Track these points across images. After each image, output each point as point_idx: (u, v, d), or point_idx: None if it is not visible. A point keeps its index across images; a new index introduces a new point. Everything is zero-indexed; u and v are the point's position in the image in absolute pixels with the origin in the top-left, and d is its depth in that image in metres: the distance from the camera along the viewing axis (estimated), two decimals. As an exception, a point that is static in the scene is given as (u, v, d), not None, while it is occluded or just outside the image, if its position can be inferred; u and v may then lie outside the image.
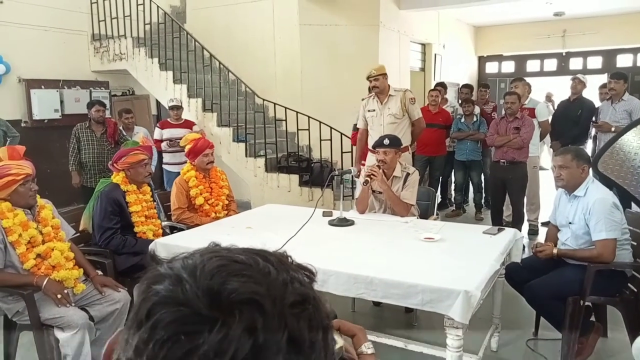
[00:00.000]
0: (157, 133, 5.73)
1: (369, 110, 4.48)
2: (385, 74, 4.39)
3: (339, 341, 0.81)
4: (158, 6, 6.60)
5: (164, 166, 5.82)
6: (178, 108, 5.68)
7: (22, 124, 6.27)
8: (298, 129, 5.82)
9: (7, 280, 2.41)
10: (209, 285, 0.48)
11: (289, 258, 0.56)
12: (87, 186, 4.90)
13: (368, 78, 4.38)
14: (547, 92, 8.36)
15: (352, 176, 3.47)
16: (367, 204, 3.41)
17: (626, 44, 9.46)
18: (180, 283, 0.48)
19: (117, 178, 3.19)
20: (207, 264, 0.50)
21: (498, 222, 5.08)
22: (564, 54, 10.15)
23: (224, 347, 0.45)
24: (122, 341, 0.49)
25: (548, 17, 9.23)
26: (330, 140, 5.58)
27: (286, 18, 6.67)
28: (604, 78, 8.95)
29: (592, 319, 2.94)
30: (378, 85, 4.38)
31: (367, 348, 0.87)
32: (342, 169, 5.52)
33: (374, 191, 3.44)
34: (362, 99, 4.61)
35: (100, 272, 2.77)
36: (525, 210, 5.26)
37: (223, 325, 0.46)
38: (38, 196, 2.59)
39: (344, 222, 3.08)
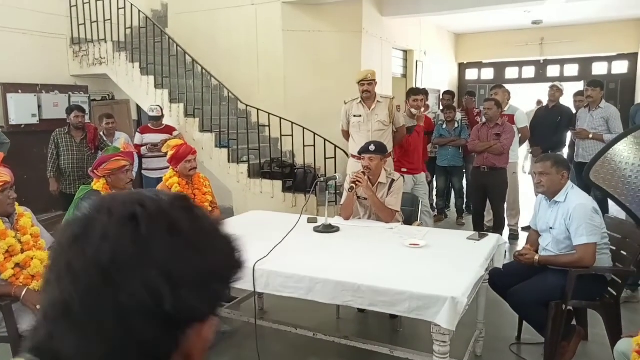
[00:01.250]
0: (138, 138, 5.66)
1: (354, 115, 4.48)
2: (376, 80, 4.44)
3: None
4: (139, 10, 6.53)
5: (143, 172, 5.75)
6: (158, 119, 5.62)
7: (-2, 129, 6.14)
8: (281, 135, 5.80)
9: (-15, 291, 2.34)
10: (100, 203, 0.58)
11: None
12: (67, 193, 4.80)
13: (361, 81, 4.38)
14: (538, 98, 8.56)
15: (336, 182, 3.48)
16: (352, 210, 3.41)
17: (601, 52, 9.71)
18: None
19: (98, 185, 3.13)
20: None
21: (480, 227, 5.14)
22: (541, 62, 10.36)
23: (107, 232, 0.54)
24: None
25: (526, 25, 9.41)
26: (314, 146, 5.58)
27: (269, 23, 6.66)
28: (580, 85, 9.16)
29: (573, 322, 2.99)
30: (371, 90, 4.40)
31: None
32: (325, 174, 5.53)
33: (358, 197, 3.44)
34: (345, 102, 4.60)
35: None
36: (505, 216, 5.34)
37: (107, 216, 0.55)
38: (17, 204, 2.53)
39: (329, 229, 3.08)
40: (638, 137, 1.31)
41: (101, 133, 5.32)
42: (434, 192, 6.74)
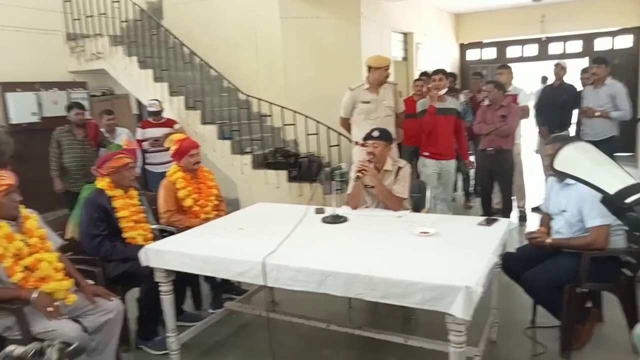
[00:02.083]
0: (139, 133, 5.62)
1: (363, 102, 4.40)
2: None
3: None
4: (134, 3, 6.45)
5: (146, 166, 5.72)
6: (157, 114, 5.58)
7: (-1, 129, 6.10)
8: (284, 124, 5.75)
9: (-6, 295, 2.32)
10: None
11: None
12: (71, 191, 4.77)
13: (382, 67, 4.31)
14: (543, 75, 8.37)
15: (341, 172, 3.42)
16: (359, 199, 3.38)
17: (604, 27, 9.55)
18: None
19: (102, 183, 3.10)
20: None
21: (488, 210, 5.10)
22: (543, 39, 10.21)
23: None
24: None
25: (527, 2, 9.26)
26: (317, 134, 5.53)
27: (267, 11, 6.57)
28: (584, 62, 9.03)
29: (589, 305, 2.97)
30: (388, 76, 4.36)
31: None
32: (330, 162, 5.49)
33: (365, 186, 3.40)
34: (352, 88, 4.46)
35: (90, 282, 2.69)
36: (513, 197, 5.29)
37: None
38: (22, 206, 2.50)
39: (337, 219, 3.04)
40: (571, 151, 1.27)
41: (102, 129, 5.28)
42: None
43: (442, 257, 2.35)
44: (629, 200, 1.02)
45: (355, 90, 4.44)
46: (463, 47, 11.10)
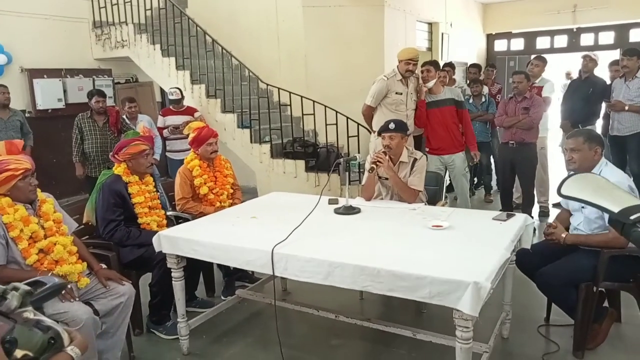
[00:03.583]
0: (160, 121, 5.69)
1: (397, 93, 4.32)
2: None
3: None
4: (158, -9, 6.50)
5: (167, 154, 5.79)
6: (178, 102, 5.63)
7: (27, 115, 6.25)
8: (303, 114, 5.73)
9: (10, 277, 2.37)
10: None
11: None
12: (92, 176, 4.86)
13: (408, 60, 4.22)
14: (567, 70, 8.14)
15: (359, 163, 3.38)
16: (373, 191, 3.34)
17: (639, 17, 9.19)
18: None
19: (119, 169, 3.15)
20: None
21: (508, 204, 5.00)
22: (574, 30, 9.90)
23: None
24: None
25: (558, -9, 9.00)
26: (336, 124, 5.49)
27: (289, 0, 6.53)
28: (616, 54, 8.72)
29: (605, 304, 2.88)
30: (414, 71, 4.30)
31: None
32: (348, 153, 5.45)
33: (380, 177, 3.36)
34: (387, 77, 4.34)
35: (104, 266, 2.74)
36: (535, 192, 5.16)
37: None
38: (39, 190, 2.56)
39: (349, 211, 3.02)
40: (577, 179, 1.28)
41: (124, 116, 5.36)
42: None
43: (453, 251, 2.30)
44: (633, 217, 1.03)
45: (391, 79, 4.34)
46: (490, 38, 10.86)
